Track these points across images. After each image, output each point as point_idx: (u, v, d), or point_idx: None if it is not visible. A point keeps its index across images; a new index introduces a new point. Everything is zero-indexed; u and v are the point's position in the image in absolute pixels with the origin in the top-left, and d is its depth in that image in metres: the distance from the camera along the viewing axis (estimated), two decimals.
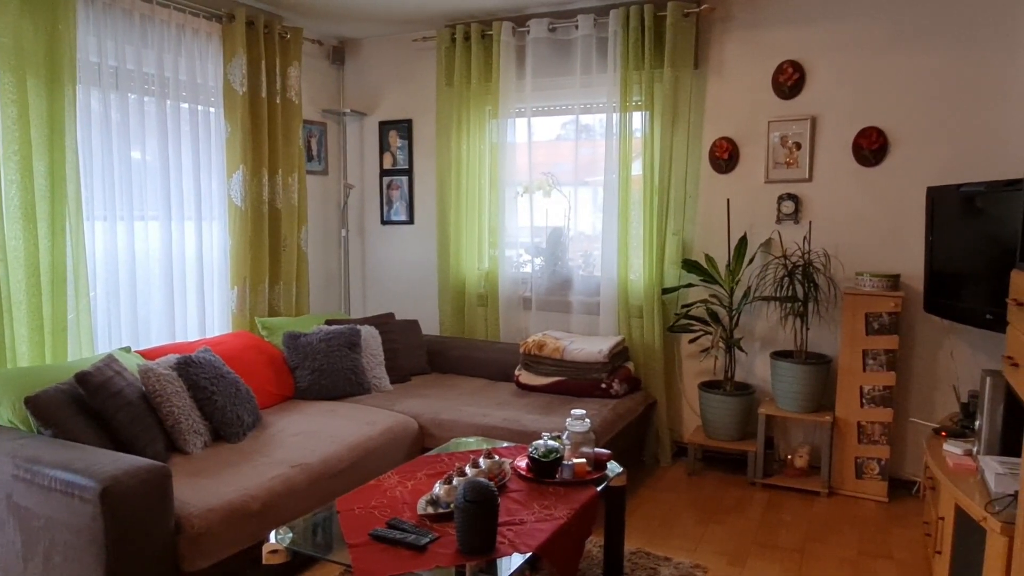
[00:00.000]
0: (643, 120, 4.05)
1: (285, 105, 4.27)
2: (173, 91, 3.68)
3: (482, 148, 4.47)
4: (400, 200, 4.97)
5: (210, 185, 3.93)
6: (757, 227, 3.98)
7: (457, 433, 3.40)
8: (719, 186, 4.05)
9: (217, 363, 3.15)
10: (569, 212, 4.42)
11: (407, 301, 5.00)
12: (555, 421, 3.37)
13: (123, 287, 3.50)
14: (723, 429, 3.88)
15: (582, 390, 3.80)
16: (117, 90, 3.43)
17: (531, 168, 4.41)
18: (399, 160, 4.94)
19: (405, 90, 4.85)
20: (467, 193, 4.51)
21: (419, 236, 4.92)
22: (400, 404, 3.65)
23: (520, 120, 4.41)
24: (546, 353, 3.89)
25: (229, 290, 4.03)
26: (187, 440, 2.84)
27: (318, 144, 4.87)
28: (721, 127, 4.02)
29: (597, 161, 4.31)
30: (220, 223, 4.00)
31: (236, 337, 3.71)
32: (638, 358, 4.14)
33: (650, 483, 3.85)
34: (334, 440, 3.06)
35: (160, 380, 2.84)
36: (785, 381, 3.73)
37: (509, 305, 4.51)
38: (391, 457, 3.25)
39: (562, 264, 4.47)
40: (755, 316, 4.03)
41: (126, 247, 3.50)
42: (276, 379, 3.65)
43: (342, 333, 3.83)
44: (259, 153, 4.10)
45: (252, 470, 2.70)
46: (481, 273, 4.57)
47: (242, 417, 3.06)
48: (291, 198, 4.33)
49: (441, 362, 4.40)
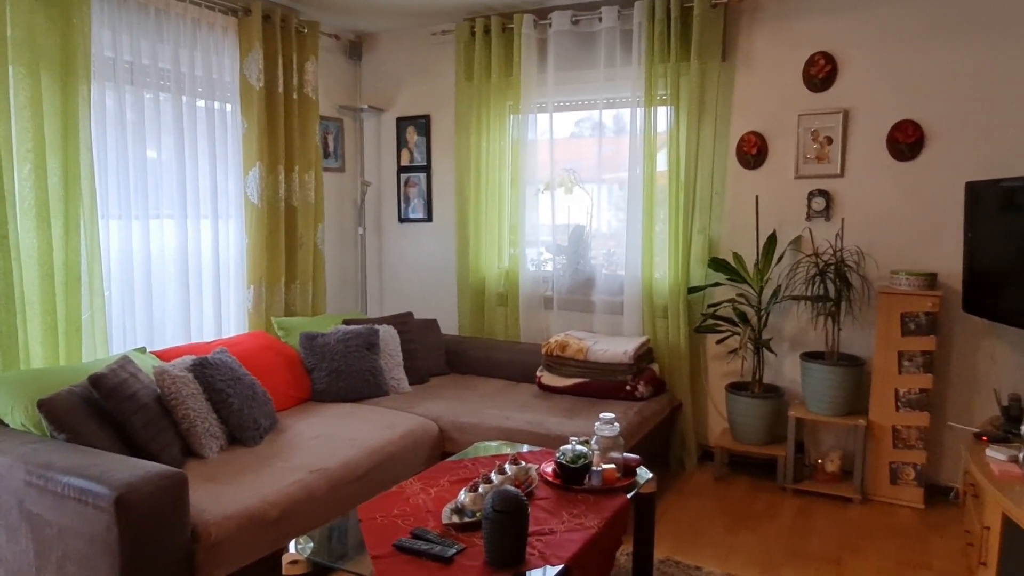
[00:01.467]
0: (668, 114, 3.94)
1: (302, 101, 4.19)
2: (189, 87, 3.61)
3: (502, 144, 4.38)
4: (418, 197, 4.88)
5: (226, 182, 3.86)
6: (786, 224, 3.86)
7: (479, 437, 3.31)
8: (747, 182, 3.93)
9: (233, 364, 3.07)
10: (592, 209, 4.32)
11: (425, 300, 4.92)
12: (580, 424, 3.27)
13: (138, 286, 3.43)
14: (751, 433, 3.76)
15: (606, 392, 3.70)
16: (132, 86, 3.36)
17: (552, 164, 4.31)
18: (417, 157, 4.85)
19: (423, 85, 4.76)
20: (487, 190, 4.41)
21: (438, 234, 4.83)
22: (420, 406, 3.56)
23: (541, 115, 4.30)
24: (569, 354, 3.79)
25: (245, 289, 3.96)
26: (203, 444, 2.77)
27: (335, 141, 4.79)
28: (749, 121, 3.90)
29: (620, 157, 4.20)
30: (236, 221, 3.93)
31: (252, 338, 3.64)
32: (663, 359, 4.03)
33: (676, 488, 3.74)
34: (353, 444, 2.98)
35: (175, 382, 2.76)
36: (816, 383, 3.60)
37: (530, 304, 4.41)
38: (411, 461, 3.17)
39: (584, 263, 4.36)
40: (784, 316, 3.91)
41: (141, 246, 3.43)
42: (293, 381, 3.58)
43: (360, 333, 3.75)
44: (275, 150, 4.02)
45: (270, 475, 2.62)
46: (501, 272, 4.47)
47: (259, 420, 2.98)
48: (307, 195, 4.26)
49: (460, 363, 4.30)
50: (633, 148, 4.02)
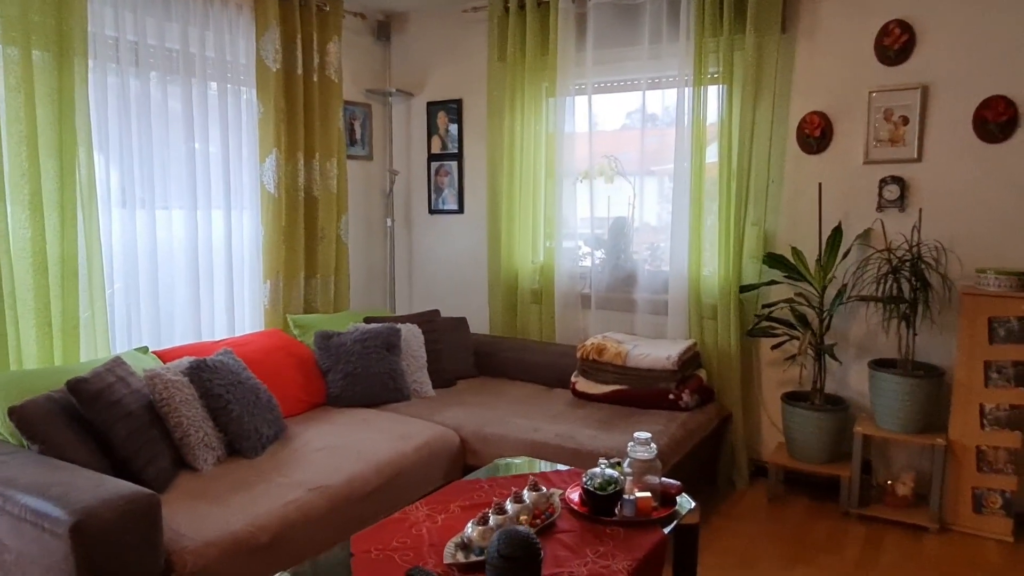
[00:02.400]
0: (720, 94, 3.55)
1: (323, 83, 3.94)
2: (200, 69, 3.38)
3: (537, 129, 4.04)
4: (449, 187, 4.59)
5: (240, 171, 3.63)
6: (854, 216, 3.43)
7: (503, 451, 3.00)
8: (809, 169, 3.51)
9: (236, 367, 2.83)
10: (634, 200, 3.95)
11: (456, 297, 4.63)
12: (616, 438, 2.93)
13: (144, 282, 3.22)
14: (810, 449, 3.36)
15: (647, 401, 3.34)
16: (137, 67, 3.15)
17: (591, 151, 3.95)
18: (448, 144, 4.56)
19: (455, 67, 4.45)
20: (520, 179, 4.09)
21: (470, 226, 4.53)
22: (441, 414, 3.27)
23: (580, 98, 3.95)
24: (606, 359, 3.44)
25: (261, 284, 3.73)
26: (196, 455, 2.53)
27: (361, 127, 4.53)
28: (812, 100, 3.48)
29: (666, 142, 3.82)
30: (252, 212, 3.70)
31: (265, 336, 3.40)
32: (711, 365, 3.65)
33: (724, 510, 3.37)
34: (361, 457, 2.70)
35: (168, 387, 2.53)
36: (887, 395, 3.18)
37: (566, 303, 4.07)
38: (427, 476, 2.88)
39: (626, 257, 4.00)
40: (851, 319, 3.48)
41: (147, 238, 3.22)
42: (306, 384, 3.33)
43: (379, 333, 3.47)
44: (294, 136, 3.77)
45: (265, 493, 2.36)
46: (536, 267, 4.15)
47: (260, 429, 2.73)
48: (329, 185, 4.00)
49: (490, 365, 4.00)
50: (680, 132, 3.64)
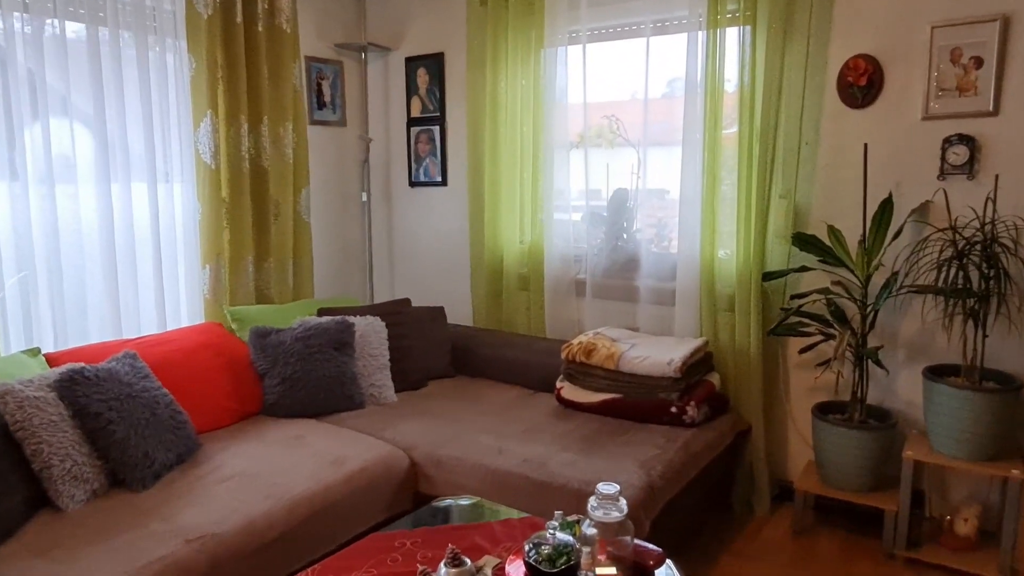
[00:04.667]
0: (741, 38, 2.88)
1: (272, 34, 3.36)
2: (111, 15, 2.84)
3: (525, 86, 3.42)
4: (431, 156, 4.00)
5: (168, 138, 3.09)
6: (909, 185, 2.75)
7: (459, 478, 2.45)
8: (851, 126, 2.83)
9: (130, 375, 2.32)
10: (638, 168, 3.31)
11: (441, 282, 4.06)
12: (597, 466, 2.35)
13: (45, 270, 2.73)
14: (847, 473, 2.73)
15: (644, 413, 2.75)
16: (28, 14, 2.61)
17: (586, 112, 3.32)
18: (429, 105, 3.96)
19: (437, 14, 3.83)
20: (506, 145, 3.48)
21: (453, 201, 3.93)
22: (395, 427, 2.73)
23: (573, 48, 3.31)
24: (596, 361, 2.85)
25: (200, 270, 3.22)
26: (60, 491, 2.03)
27: (332, 88, 3.96)
28: (857, 41, 2.78)
29: (675, 99, 3.16)
30: (187, 186, 3.18)
31: (194, 333, 2.89)
32: (726, 368, 3.03)
33: (739, 546, 2.77)
34: (274, 490, 2.17)
35: (24, 406, 2.03)
36: (946, 411, 2.53)
37: (557, 290, 3.47)
38: (362, 512, 2.34)
39: (628, 237, 3.38)
40: (901, 314, 2.82)
41: (46, 218, 2.71)
42: (237, 390, 2.81)
43: (327, 329, 2.93)
44: (235, 96, 3.21)
45: (129, 545, 1.85)
46: (523, 248, 3.55)
47: (152, 455, 2.22)
48: (283, 154, 3.45)
49: (469, 362, 3.44)
50: (691, 86, 2.98)
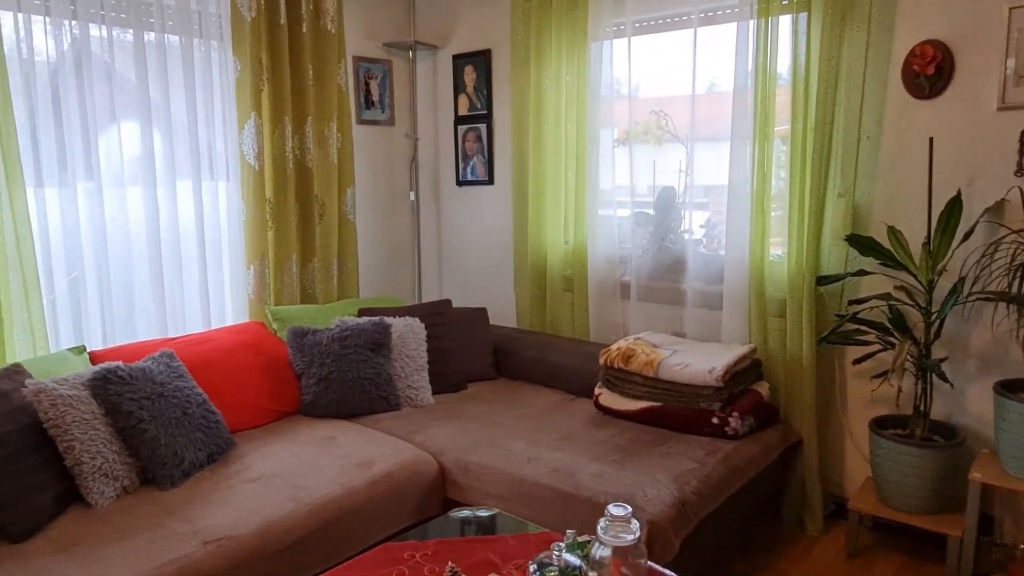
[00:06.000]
0: (794, 25, 2.70)
1: (317, 35, 3.38)
2: (158, 20, 2.90)
3: (569, 81, 3.32)
4: (478, 155, 3.95)
5: (214, 140, 3.15)
6: (981, 182, 2.52)
7: (486, 485, 2.39)
8: (918, 119, 2.62)
9: (164, 375, 2.36)
10: (686, 165, 3.17)
11: (487, 283, 4.01)
12: (629, 478, 2.25)
13: (92, 271, 2.81)
14: (907, 493, 2.53)
15: (684, 423, 2.62)
16: (76, 20, 2.70)
17: (631, 107, 3.20)
18: (476, 103, 3.91)
19: (483, 10, 3.77)
20: (550, 143, 3.39)
21: (499, 200, 3.87)
22: (427, 431, 2.69)
23: (618, 41, 3.19)
24: (634, 368, 2.73)
25: (244, 270, 3.27)
26: (91, 487, 2.08)
27: (380, 87, 3.96)
28: (925, 25, 2.57)
29: (724, 92, 3.01)
30: (232, 186, 3.22)
31: (234, 333, 2.94)
32: (777, 377, 2.86)
33: (785, 566, 2.61)
34: (295, 493, 2.17)
35: (57, 404, 2.08)
36: (1018, 430, 2.30)
37: (602, 292, 3.37)
38: (387, 517, 2.31)
39: (675, 238, 3.24)
40: (971, 323, 2.59)
41: (93, 220, 2.80)
42: (274, 390, 2.83)
43: (363, 330, 2.92)
44: (279, 97, 3.24)
45: (148, 544, 1.87)
46: (568, 249, 3.46)
47: (181, 453, 2.25)
48: (328, 154, 3.46)
49: (511, 365, 3.38)
50: (741, 78, 2.83)
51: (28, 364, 2.32)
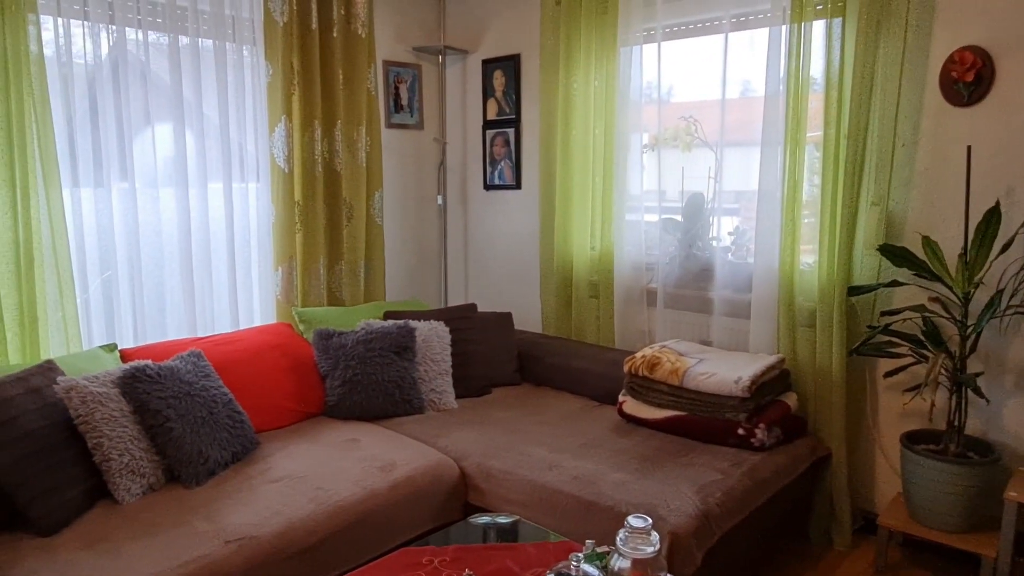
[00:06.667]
0: (828, 31, 2.66)
1: (348, 39, 3.41)
2: (192, 24, 2.95)
3: (598, 86, 3.30)
4: (506, 159, 3.95)
5: (245, 143, 3.19)
6: (1021, 193, 2.46)
7: (507, 491, 2.38)
8: (956, 126, 2.56)
9: (191, 374, 2.39)
10: (715, 171, 3.13)
11: (514, 287, 4.00)
12: (652, 488, 2.22)
13: (125, 271, 2.86)
14: (939, 510, 2.46)
15: (709, 433, 2.59)
16: (113, 25, 2.75)
17: (660, 112, 3.17)
18: (505, 108, 3.91)
19: (513, 15, 3.78)
20: (578, 148, 3.38)
21: (526, 204, 3.87)
22: (449, 436, 2.69)
23: (648, 47, 3.17)
24: (659, 376, 2.70)
25: (272, 272, 3.30)
26: (118, 484, 2.11)
27: (409, 91, 3.98)
28: (964, 31, 2.51)
29: (755, 99, 2.97)
30: (262, 188, 3.26)
31: (262, 333, 2.97)
32: (806, 388, 2.81)
33: None
34: (317, 495, 2.18)
35: (87, 401, 2.12)
36: None
37: (628, 299, 3.34)
38: (407, 521, 2.31)
39: (703, 245, 3.20)
40: (1008, 337, 2.52)
41: (126, 221, 2.85)
42: (299, 391, 2.86)
43: (387, 333, 2.93)
44: (310, 101, 3.28)
45: (170, 543, 1.90)
46: (594, 255, 3.44)
47: (206, 452, 2.27)
48: (357, 157, 3.49)
49: (536, 371, 3.36)
50: (772, 84, 2.79)
51: (61, 361, 2.37)
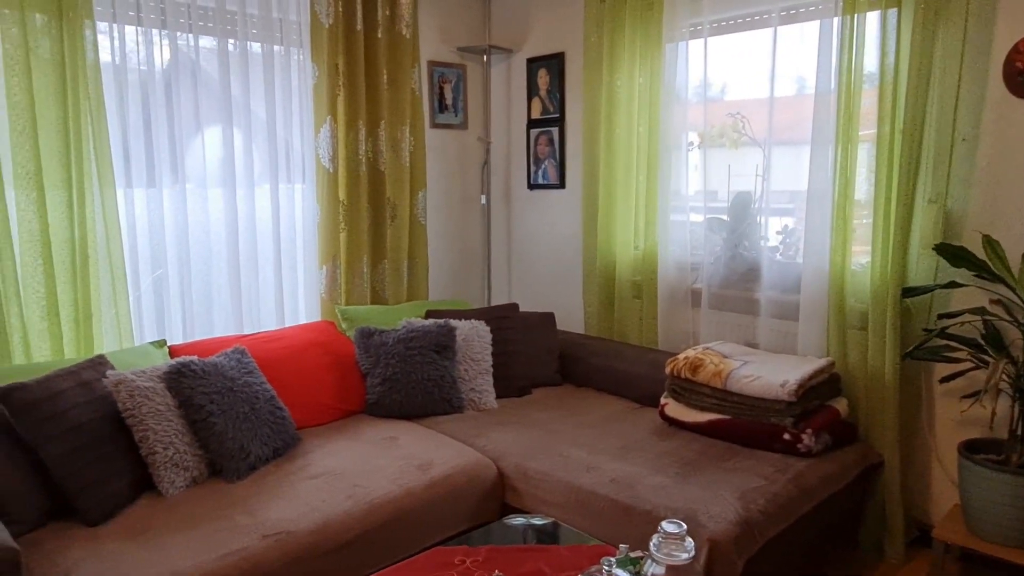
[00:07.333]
0: (883, 22, 2.55)
1: (392, 41, 3.44)
2: (241, 28, 3.02)
3: (642, 84, 3.25)
4: (550, 158, 3.92)
5: (291, 143, 3.24)
6: None
7: (544, 493, 2.35)
8: (1020, 119, 2.43)
9: (235, 371, 2.44)
10: (763, 169, 3.05)
11: (557, 287, 3.97)
12: (692, 493, 2.17)
13: (175, 269, 2.94)
14: (1000, 523, 2.33)
15: (753, 438, 2.51)
16: (165, 30, 2.83)
17: (706, 109, 3.10)
18: (549, 107, 3.88)
19: (557, 13, 3.75)
20: (621, 146, 3.33)
21: (570, 204, 3.83)
22: (488, 435, 2.68)
23: (694, 42, 3.10)
24: (702, 378, 2.64)
25: (317, 271, 3.35)
26: (162, 476, 2.16)
27: (454, 91, 3.99)
28: None
29: (804, 93, 2.88)
30: (308, 188, 3.31)
31: (305, 331, 3.01)
32: (856, 393, 2.71)
33: None
34: (354, 492, 2.19)
35: (135, 395, 2.18)
36: None
37: (672, 300, 3.28)
38: (444, 520, 2.31)
39: (750, 244, 3.12)
40: None
41: (177, 220, 2.93)
42: (340, 388, 2.89)
43: (428, 332, 2.94)
44: (354, 101, 3.31)
45: (210, 536, 1.93)
46: (638, 255, 3.38)
47: (248, 447, 2.31)
48: (400, 157, 3.52)
49: (578, 371, 3.33)
50: (823, 78, 2.69)
51: (112, 356, 2.45)
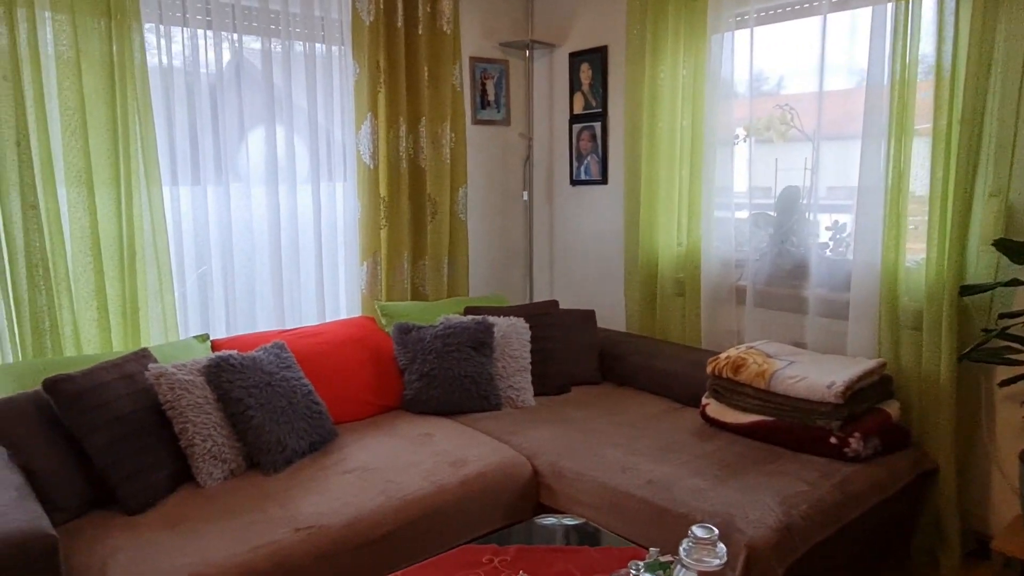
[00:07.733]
0: (939, 7, 2.43)
1: (433, 36, 3.43)
2: (284, 27, 3.05)
3: (685, 76, 3.17)
4: (592, 153, 3.87)
5: (332, 140, 3.27)
6: None
7: (578, 493, 2.31)
8: None
9: (273, 365, 2.47)
10: (812, 163, 2.94)
11: (599, 284, 3.92)
12: (730, 497, 2.10)
13: (219, 265, 3.00)
14: None
15: (798, 441, 2.42)
16: (210, 30, 2.88)
17: (752, 101, 3.01)
18: (592, 101, 3.83)
19: (600, 6, 3.70)
20: (664, 140, 3.26)
21: (612, 200, 3.78)
22: (524, 433, 2.65)
23: (740, 33, 3.01)
24: (744, 378, 2.56)
25: (358, 267, 3.37)
26: (201, 468, 2.20)
27: (496, 87, 3.97)
28: None
29: (855, 83, 2.76)
30: (349, 185, 3.34)
31: (345, 326, 3.03)
32: (910, 396, 2.59)
33: None
34: (387, 487, 2.19)
35: (175, 388, 2.22)
36: None
37: (716, 297, 3.19)
38: (477, 517, 2.29)
39: (798, 240, 3.01)
40: None
41: (221, 217, 2.98)
42: (378, 384, 2.90)
43: (465, 328, 2.93)
44: (395, 98, 3.32)
45: (246, 527, 1.96)
46: (680, 251, 3.31)
47: (284, 441, 2.33)
48: (441, 154, 3.51)
49: (618, 370, 3.27)
50: (875, 67, 2.58)
51: (156, 350, 2.50)
